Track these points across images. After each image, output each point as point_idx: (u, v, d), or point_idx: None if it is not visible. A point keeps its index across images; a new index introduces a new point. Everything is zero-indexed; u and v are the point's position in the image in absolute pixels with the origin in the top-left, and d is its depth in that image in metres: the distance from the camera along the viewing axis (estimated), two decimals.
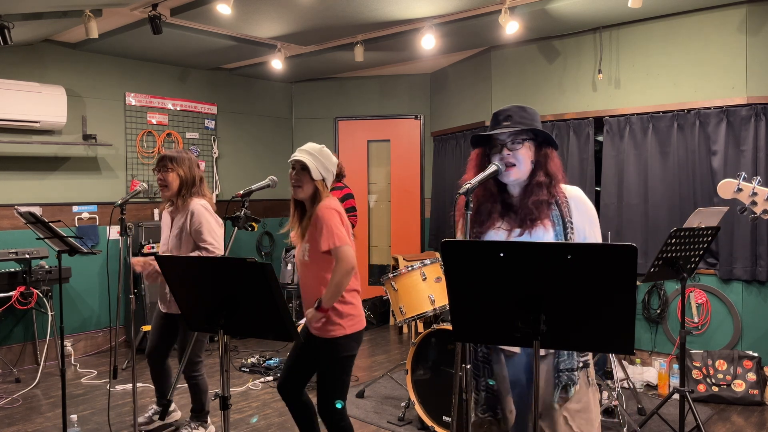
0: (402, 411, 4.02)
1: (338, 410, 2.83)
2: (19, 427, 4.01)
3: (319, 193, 2.82)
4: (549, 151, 2.15)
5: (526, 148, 2.12)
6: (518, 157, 2.11)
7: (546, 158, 2.14)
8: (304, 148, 2.85)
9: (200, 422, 3.75)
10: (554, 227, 2.07)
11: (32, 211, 3.50)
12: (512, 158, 2.11)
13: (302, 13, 4.63)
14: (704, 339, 4.69)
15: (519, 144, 2.12)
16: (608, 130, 5.11)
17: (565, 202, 2.12)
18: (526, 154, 2.12)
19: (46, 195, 5.43)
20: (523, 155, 2.11)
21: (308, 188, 2.81)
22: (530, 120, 2.14)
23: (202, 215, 3.47)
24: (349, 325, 2.83)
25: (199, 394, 3.70)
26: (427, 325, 5.61)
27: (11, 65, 5.17)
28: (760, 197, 2.02)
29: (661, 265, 3.21)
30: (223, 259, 2.04)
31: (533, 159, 2.13)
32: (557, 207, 2.10)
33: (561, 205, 2.11)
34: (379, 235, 7.39)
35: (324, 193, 2.84)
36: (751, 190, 2.02)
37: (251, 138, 7.06)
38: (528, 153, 2.12)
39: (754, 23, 4.42)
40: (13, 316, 5.18)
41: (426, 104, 7.14)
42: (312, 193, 2.82)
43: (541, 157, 2.14)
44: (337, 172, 4.71)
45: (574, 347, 1.74)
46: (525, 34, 5.22)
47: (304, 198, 2.84)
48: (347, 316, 2.83)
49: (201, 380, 3.68)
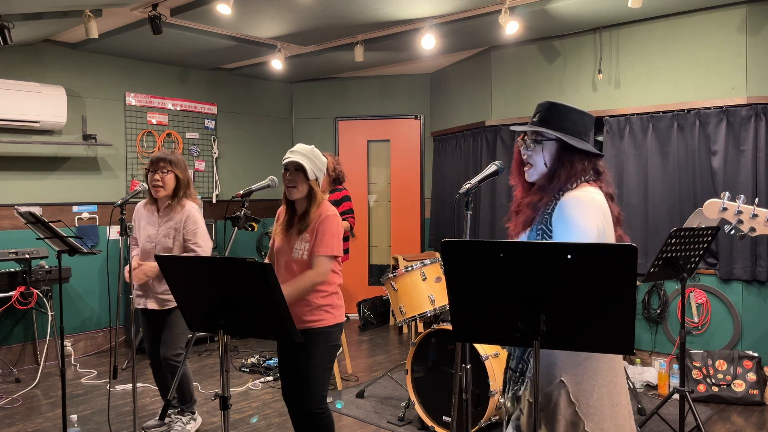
0: (402, 411, 4.02)
1: (325, 403, 2.88)
2: (19, 427, 4.01)
3: (314, 192, 2.85)
4: (568, 158, 2.03)
5: (546, 149, 2.04)
6: (533, 157, 2.06)
7: (563, 164, 2.03)
8: (296, 150, 2.88)
9: (191, 414, 3.83)
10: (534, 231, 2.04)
11: (32, 211, 3.50)
12: (528, 158, 2.08)
13: (302, 13, 4.63)
14: (704, 339, 4.69)
15: (536, 144, 2.06)
16: (608, 130, 5.11)
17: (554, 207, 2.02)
18: (542, 155, 2.05)
19: (46, 195, 5.43)
20: (539, 156, 2.05)
21: (303, 188, 2.84)
22: (558, 119, 2.04)
23: (197, 219, 3.62)
24: (338, 314, 2.92)
25: (187, 384, 3.77)
26: (427, 325, 5.61)
27: (11, 65, 5.17)
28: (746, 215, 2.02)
29: (661, 265, 3.21)
30: (223, 259, 2.04)
31: (553, 161, 2.04)
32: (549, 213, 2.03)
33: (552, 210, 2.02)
34: (379, 235, 7.39)
35: (320, 193, 2.89)
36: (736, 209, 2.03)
37: (251, 138, 7.07)
38: (546, 154, 2.05)
39: (754, 23, 4.42)
40: (13, 316, 5.18)
41: (426, 104, 7.14)
42: (306, 193, 2.85)
43: (561, 162, 2.03)
44: (335, 176, 4.76)
45: (574, 347, 1.74)
46: (525, 34, 5.22)
47: (298, 198, 2.86)
48: (335, 305, 2.91)
49: (186, 370, 3.78)
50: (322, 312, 2.86)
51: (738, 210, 2.03)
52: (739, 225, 2.04)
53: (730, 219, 2.05)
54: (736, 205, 2.03)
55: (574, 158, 2.03)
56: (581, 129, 2.08)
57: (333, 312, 2.90)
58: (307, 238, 2.84)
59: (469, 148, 6.18)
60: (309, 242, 2.83)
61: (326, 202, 2.93)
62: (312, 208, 2.85)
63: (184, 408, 3.81)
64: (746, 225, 2.03)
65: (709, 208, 2.07)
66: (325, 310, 2.87)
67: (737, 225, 2.04)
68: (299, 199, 2.88)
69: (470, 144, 6.15)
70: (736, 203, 2.04)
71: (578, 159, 2.03)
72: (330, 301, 2.89)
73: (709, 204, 2.07)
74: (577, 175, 2.02)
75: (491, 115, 5.89)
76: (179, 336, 3.63)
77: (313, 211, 2.85)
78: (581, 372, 1.97)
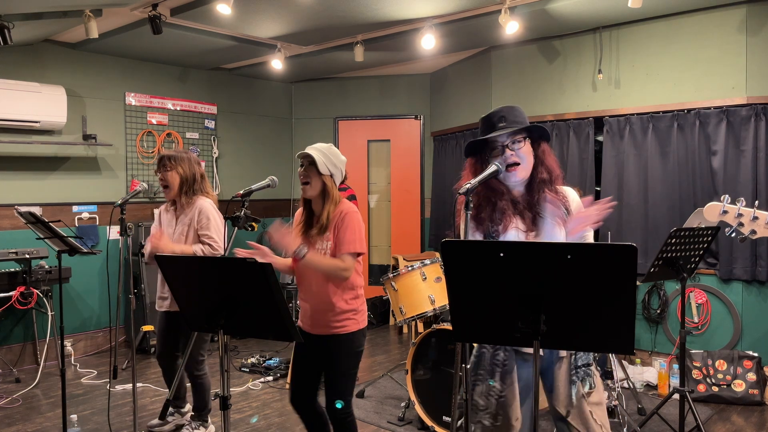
0: (402, 411, 4.02)
1: (347, 406, 2.85)
2: (19, 427, 4.01)
3: (329, 189, 2.81)
4: (545, 147, 2.20)
5: (527, 145, 2.17)
6: (521, 155, 2.14)
7: (544, 154, 2.19)
8: (312, 145, 2.86)
9: (202, 422, 3.77)
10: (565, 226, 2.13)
11: (32, 211, 3.50)
12: (516, 157, 2.13)
13: (302, 13, 4.63)
14: (704, 339, 4.69)
15: (519, 143, 2.15)
16: (608, 130, 5.10)
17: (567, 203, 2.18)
18: (527, 152, 2.16)
19: (46, 195, 5.43)
20: (526, 153, 2.15)
21: (317, 184, 2.80)
22: (522, 118, 2.19)
23: (210, 212, 3.56)
24: (361, 319, 2.88)
25: (203, 393, 3.72)
26: (427, 325, 5.61)
27: (11, 65, 5.17)
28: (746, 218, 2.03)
29: (661, 265, 3.21)
30: (223, 259, 2.04)
31: (534, 156, 2.18)
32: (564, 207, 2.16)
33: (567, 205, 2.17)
34: (379, 235, 7.39)
35: (335, 190, 2.83)
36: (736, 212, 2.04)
37: (251, 138, 7.06)
38: (529, 150, 2.17)
39: (754, 23, 4.42)
40: (13, 316, 5.18)
41: (426, 104, 7.14)
42: (321, 189, 2.81)
43: (540, 153, 2.19)
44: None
45: (574, 347, 1.75)
46: (525, 34, 5.22)
47: (313, 195, 2.82)
48: (359, 311, 2.86)
49: (205, 379, 3.71)
50: (347, 319, 2.82)
51: (738, 213, 2.03)
52: (740, 228, 2.04)
53: (731, 222, 2.05)
54: (736, 208, 2.04)
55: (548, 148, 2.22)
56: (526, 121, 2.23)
57: (356, 318, 2.85)
58: (329, 237, 2.80)
59: None
60: (331, 240, 2.80)
61: (345, 200, 2.89)
62: (328, 206, 2.80)
63: (199, 415, 3.75)
64: (747, 228, 2.03)
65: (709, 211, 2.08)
66: (348, 317, 2.82)
67: (738, 228, 2.05)
68: (315, 198, 2.84)
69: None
70: (737, 206, 2.04)
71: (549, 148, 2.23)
72: (354, 306, 2.84)
73: (709, 207, 2.08)
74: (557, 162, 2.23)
75: None
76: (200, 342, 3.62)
77: (331, 209, 2.80)
78: None
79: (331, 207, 2.82)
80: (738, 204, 2.04)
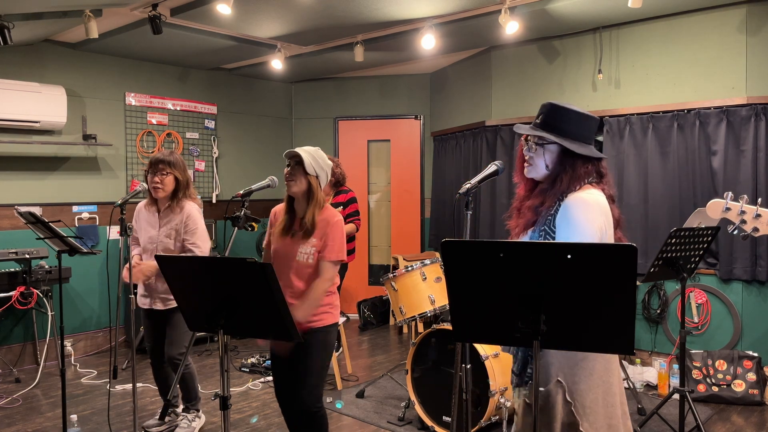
0: (402, 411, 4.02)
1: (321, 401, 2.91)
2: (19, 427, 4.01)
3: (314, 190, 2.83)
4: (570, 162, 2.04)
5: (548, 152, 2.06)
6: (534, 159, 2.09)
7: (565, 169, 2.04)
8: (300, 147, 2.90)
9: (195, 411, 3.84)
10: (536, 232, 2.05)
11: (32, 211, 3.50)
12: (529, 159, 2.11)
13: (302, 13, 4.63)
14: (704, 339, 4.69)
15: (538, 146, 2.08)
16: (608, 130, 5.11)
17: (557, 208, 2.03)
18: (543, 158, 2.07)
19: (46, 195, 5.43)
20: (540, 159, 2.07)
21: (301, 183, 2.82)
22: (560, 123, 2.06)
23: (198, 220, 3.63)
24: (336, 313, 2.97)
25: (192, 382, 3.80)
26: (427, 325, 5.61)
27: (11, 65, 5.17)
28: (749, 215, 2.03)
29: (661, 265, 3.21)
30: (223, 259, 2.04)
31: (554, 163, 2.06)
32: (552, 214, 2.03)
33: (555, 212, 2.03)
34: (379, 235, 7.39)
35: (320, 192, 2.86)
36: (739, 209, 2.03)
37: (251, 138, 7.06)
38: (547, 157, 2.07)
39: (754, 23, 4.42)
40: (13, 316, 5.18)
41: (426, 104, 7.14)
42: (305, 188, 2.83)
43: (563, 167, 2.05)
44: (335, 180, 4.77)
45: (574, 347, 1.74)
46: (525, 34, 5.22)
47: (297, 192, 2.84)
48: (334, 305, 2.96)
49: (191, 368, 3.81)
50: (323, 312, 2.89)
51: (741, 210, 2.03)
52: (742, 225, 2.04)
53: (734, 219, 2.05)
54: (739, 206, 2.04)
55: (576, 163, 2.04)
56: (585, 133, 2.09)
57: (332, 312, 2.94)
58: (314, 243, 2.82)
59: (469, 148, 6.18)
60: (316, 246, 2.82)
61: (329, 207, 2.93)
62: (312, 209, 2.82)
63: (190, 405, 3.82)
64: (749, 225, 2.03)
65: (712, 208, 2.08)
66: (325, 310, 2.90)
67: (740, 225, 2.05)
68: (299, 199, 2.87)
69: (470, 144, 6.15)
70: (739, 203, 2.04)
71: (581, 163, 2.04)
72: (330, 301, 2.93)
73: (712, 204, 2.08)
74: (580, 178, 2.04)
75: (491, 115, 5.89)
76: (184, 334, 3.63)
77: (315, 213, 2.82)
78: (578, 372, 1.98)
79: (316, 210, 2.83)
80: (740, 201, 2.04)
